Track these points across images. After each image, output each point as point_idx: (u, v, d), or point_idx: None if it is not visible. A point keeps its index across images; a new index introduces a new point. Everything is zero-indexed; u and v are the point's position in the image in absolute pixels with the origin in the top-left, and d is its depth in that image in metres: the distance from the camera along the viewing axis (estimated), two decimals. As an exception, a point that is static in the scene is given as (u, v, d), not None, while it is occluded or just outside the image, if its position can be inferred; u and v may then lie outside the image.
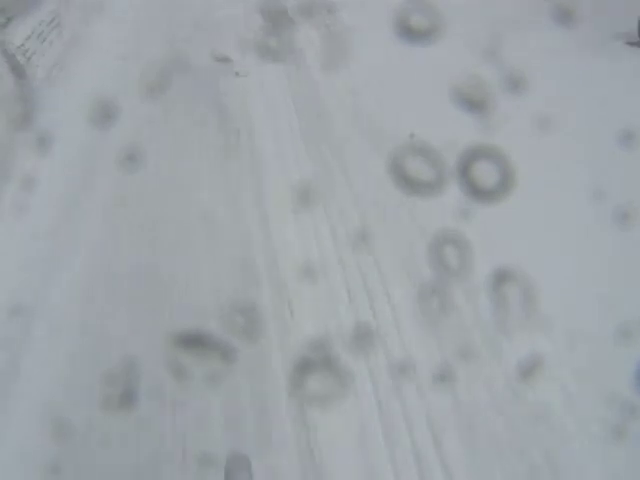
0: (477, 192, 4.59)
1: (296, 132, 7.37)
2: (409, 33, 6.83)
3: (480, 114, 6.23)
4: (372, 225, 5.48)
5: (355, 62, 7.90)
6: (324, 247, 5.44)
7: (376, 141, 6.88)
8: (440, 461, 3.40)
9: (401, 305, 4.62)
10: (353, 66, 7.95)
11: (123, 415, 3.41)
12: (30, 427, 3.46)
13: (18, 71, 8.03)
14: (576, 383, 3.70)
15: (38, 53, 8.87)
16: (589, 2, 8.90)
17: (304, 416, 3.56)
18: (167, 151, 6.66)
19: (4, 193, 5.71)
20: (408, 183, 5.08)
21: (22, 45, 8.85)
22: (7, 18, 9.41)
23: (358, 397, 3.74)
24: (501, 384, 3.82)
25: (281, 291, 4.72)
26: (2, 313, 4.33)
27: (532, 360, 3.81)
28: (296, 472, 3.28)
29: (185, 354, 3.57)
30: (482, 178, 4.85)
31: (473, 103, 6.39)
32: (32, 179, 5.77)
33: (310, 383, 3.57)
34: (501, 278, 4.03)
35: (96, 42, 9.23)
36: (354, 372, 3.73)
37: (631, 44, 8.67)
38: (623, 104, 7.41)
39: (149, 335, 4.29)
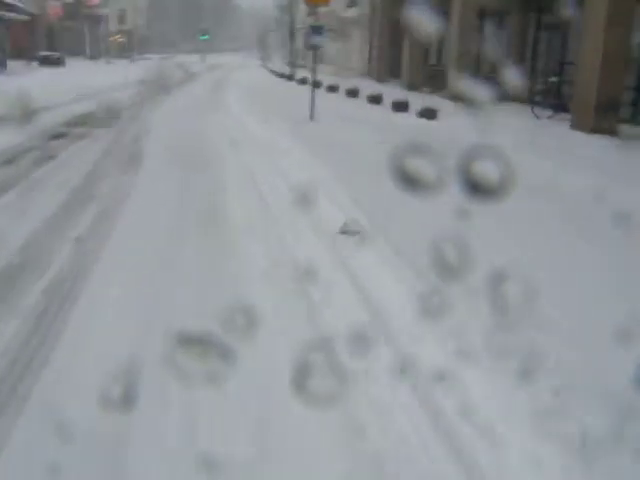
0: (477, 192, 4.60)
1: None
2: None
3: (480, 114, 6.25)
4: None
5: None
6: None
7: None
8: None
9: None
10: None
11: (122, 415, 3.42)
12: (31, 424, 3.46)
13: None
14: (576, 383, 3.71)
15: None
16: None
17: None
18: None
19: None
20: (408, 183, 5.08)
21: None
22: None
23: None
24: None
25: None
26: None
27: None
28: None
29: (185, 354, 3.57)
30: (482, 178, 4.86)
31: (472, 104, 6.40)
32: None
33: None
34: (501, 278, 4.04)
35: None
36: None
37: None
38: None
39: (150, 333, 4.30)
